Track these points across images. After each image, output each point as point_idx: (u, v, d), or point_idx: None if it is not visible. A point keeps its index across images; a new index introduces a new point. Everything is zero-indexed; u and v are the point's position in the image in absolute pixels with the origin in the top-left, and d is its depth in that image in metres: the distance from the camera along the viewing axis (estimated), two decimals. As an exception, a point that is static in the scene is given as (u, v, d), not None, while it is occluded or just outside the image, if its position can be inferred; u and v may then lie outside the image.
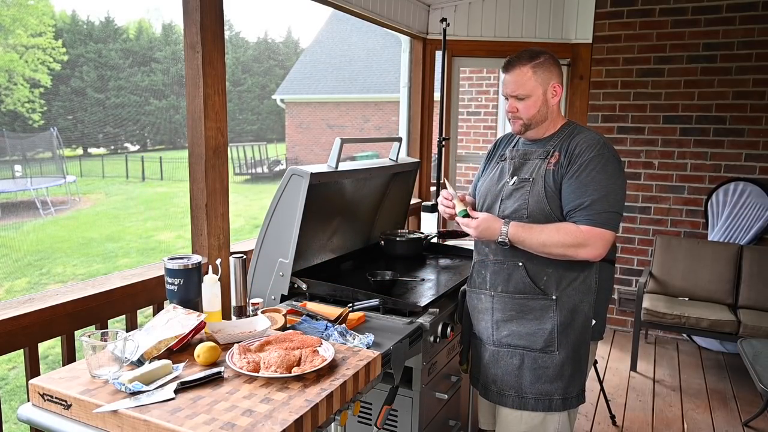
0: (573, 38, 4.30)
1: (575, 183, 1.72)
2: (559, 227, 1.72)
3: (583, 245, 1.69)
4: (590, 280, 1.83)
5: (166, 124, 29.38)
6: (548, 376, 1.82)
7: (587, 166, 1.71)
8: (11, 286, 8.79)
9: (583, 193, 1.70)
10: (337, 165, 2.17)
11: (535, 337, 1.82)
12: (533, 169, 1.82)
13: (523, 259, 1.81)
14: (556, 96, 1.82)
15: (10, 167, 17.26)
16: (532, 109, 1.80)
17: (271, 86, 29.49)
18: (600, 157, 1.72)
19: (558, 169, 1.77)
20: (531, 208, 1.79)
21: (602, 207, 1.69)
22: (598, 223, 1.68)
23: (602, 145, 1.75)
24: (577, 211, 1.71)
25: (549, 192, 1.77)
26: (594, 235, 1.68)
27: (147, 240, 11.60)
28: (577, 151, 1.75)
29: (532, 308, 1.82)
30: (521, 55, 1.80)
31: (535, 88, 1.78)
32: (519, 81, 1.78)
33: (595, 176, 1.71)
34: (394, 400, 1.69)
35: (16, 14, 23.47)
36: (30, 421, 1.31)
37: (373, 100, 18.96)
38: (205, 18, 2.08)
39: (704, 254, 4.03)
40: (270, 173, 19.93)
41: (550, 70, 1.79)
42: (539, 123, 1.83)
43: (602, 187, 1.70)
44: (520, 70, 1.78)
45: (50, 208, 14.38)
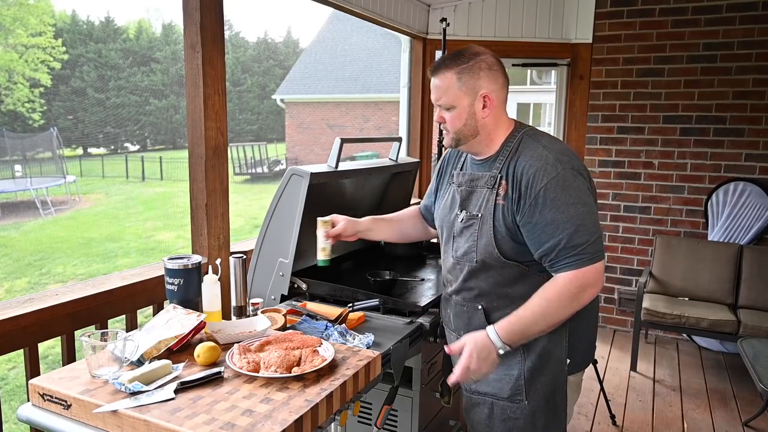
0: (573, 38, 4.30)
1: (538, 224, 1.44)
2: (546, 294, 1.45)
3: (581, 292, 1.44)
4: None
5: (166, 124, 29.39)
6: (518, 428, 1.59)
7: (544, 200, 1.43)
8: (11, 286, 8.79)
9: (553, 232, 1.43)
10: (337, 165, 2.17)
11: (501, 384, 1.59)
12: (482, 202, 1.56)
13: (482, 303, 1.61)
14: (489, 108, 1.52)
15: (10, 167, 17.27)
16: (457, 122, 1.54)
17: (271, 86, 29.48)
18: (555, 182, 1.43)
19: (508, 204, 1.49)
20: (480, 251, 1.55)
21: (581, 240, 1.41)
22: (585, 262, 1.42)
23: (553, 164, 1.45)
24: (555, 255, 1.44)
25: (499, 233, 1.51)
26: (586, 275, 1.43)
27: (147, 240, 11.60)
28: (525, 182, 1.46)
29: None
30: (449, 58, 1.54)
31: (458, 98, 1.52)
32: (441, 88, 1.53)
33: (560, 207, 1.42)
34: (394, 400, 1.69)
35: (16, 14, 23.47)
36: (30, 421, 1.31)
37: (373, 100, 18.97)
38: (205, 18, 2.08)
39: (704, 254, 4.03)
40: (270, 173, 19.94)
41: (478, 77, 1.51)
42: (469, 138, 1.56)
43: (572, 218, 1.42)
44: (443, 75, 1.53)
45: (50, 208, 14.38)
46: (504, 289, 1.57)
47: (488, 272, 1.57)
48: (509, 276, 1.55)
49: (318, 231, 1.86)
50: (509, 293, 1.57)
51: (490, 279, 1.58)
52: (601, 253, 1.45)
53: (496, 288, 1.58)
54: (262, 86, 31.14)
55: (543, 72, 7.16)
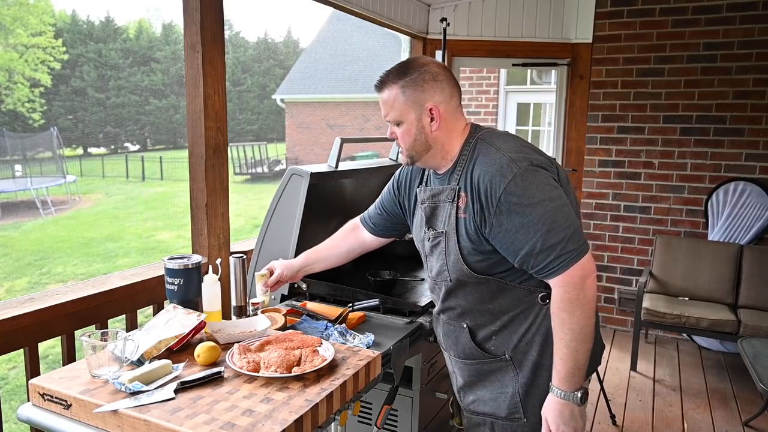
0: (573, 38, 4.30)
1: (508, 233, 1.35)
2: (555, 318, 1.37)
3: (581, 289, 1.33)
4: (544, 327, 1.47)
5: (166, 124, 29.41)
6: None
7: (508, 206, 1.34)
8: (11, 285, 8.79)
9: (525, 238, 1.33)
10: (337, 165, 2.17)
11: (498, 403, 1.53)
12: (445, 217, 1.47)
13: (466, 321, 1.54)
14: (437, 121, 1.44)
15: (10, 167, 17.28)
16: (408, 138, 1.47)
17: (271, 86, 29.50)
18: (514, 185, 1.34)
19: (469, 216, 1.41)
20: (451, 268, 1.48)
21: (557, 239, 1.32)
22: (570, 262, 1.32)
23: (507, 166, 1.36)
24: (535, 261, 1.35)
25: (465, 249, 1.44)
26: (575, 275, 1.33)
27: (147, 240, 11.60)
28: (484, 190, 1.37)
29: (490, 370, 1.54)
30: (392, 72, 1.46)
31: (405, 113, 1.45)
32: (388, 103, 1.47)
33: (525, 210, 1.33)
34: (394, 400, 1.69)
35: (16, 13, 23.48)
36: (30, 420, 1.31)
37: (373, 99, 18.95)
38: (205, 18, 2.08)
39: (704, 254, 4.03)
40: (270, 173, 19.94)
41: (422, 89, 1.42)
42: (422, 153, 1.49)
43: (541, 219, 1.32)
44: (389, 91, 1.45)
45: (50, 207, 14.39)
46: (485, 306, 1.50)
47: (465, 289, 1.51)
48: (487, 291, 1.48)
49: (257, 285, 1.83)
50: (491, 309, 1.50)
51: (469, 297, 1.51)
52: (584, 246, 1.35)
53: (477, 305, 1.51)
54: (262, 86, 31.15)
55: (543, 72, 7.15)
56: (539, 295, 1.46)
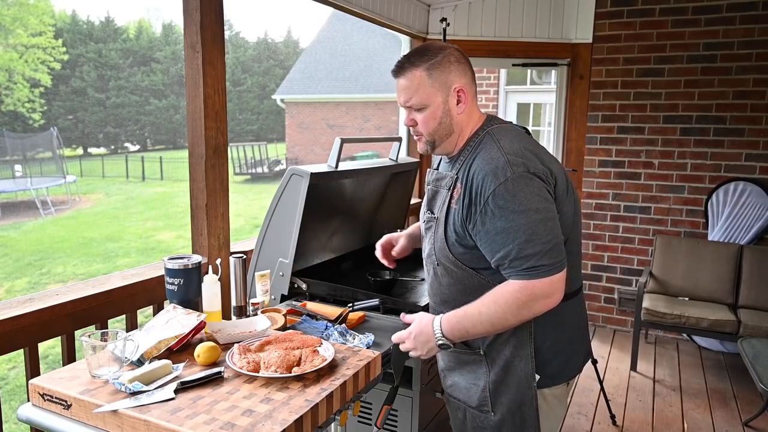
0: (573, 38, 4.30)
1: (489, 233, 1.36)
2: (496, 297, 1.37)
3: (531, 302, 1.34)
4: (521, 332, 1.47)
5: (166, 124, 29.42)
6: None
7: (494, 208, 1.34)
8: (11, 286, 8.80)
9: (503, 242, 1.34)
10: (337, 165, 2.17)
11: (470, 393, 1.57)
12: (441, 203, 1.49)
13: (447, 309, 1.52)
14: (463, 102, 1.44)
15: (10, 167, 17.29)
16: (432, 122, 1.44)
17: (271, 86, 29.51)
18: (503, 188, 1.33)
19: (458, 208, 1.42)
20: (438, 253, 1.49)
21: (533, 250, 1.32)
22: (539, 273, 1.32)
23: (502, 168, 1.35)
24: (507, 265, 1.36)
25: (450, 237, 1.45)
26: (536, 287, 1.33)
27: (147, 240, 11.60)
28: (475, 187, 1.37)
29: (466, 361, 1.58)
30: (413, 55, 1.44)
31: (431, 96, 1.42)
32: (411, 87, 1.43)
33: (509, 216, 1.33)
34: (394, 400, 1.69)
35: (16, 14, 23.49)
36: (30, 421, 1.31)
37: (373, 100, 18.98)
38: (205, 18, 2.08)
39: (704, 254, 4.03)
40: (270, 173, 19.95)
41: (449, 70, 1.42)
42: (444, 138, 1.47)
43: (522, 227, 1.32)
44: (412, 74, 1.42)
45: (50, 208, 14.39)
46: (466, 298, 1.47)
47: (450, 278, 1.52)
48: (470, 285, 1.48)
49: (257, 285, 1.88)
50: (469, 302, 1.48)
51: (452, 287, 1.52)
52: (558, 264, 1.34)
53: (458, 296, 1.51)
54: (262, 86, 31.16)
55: (543, 72, 7.15)
56: None
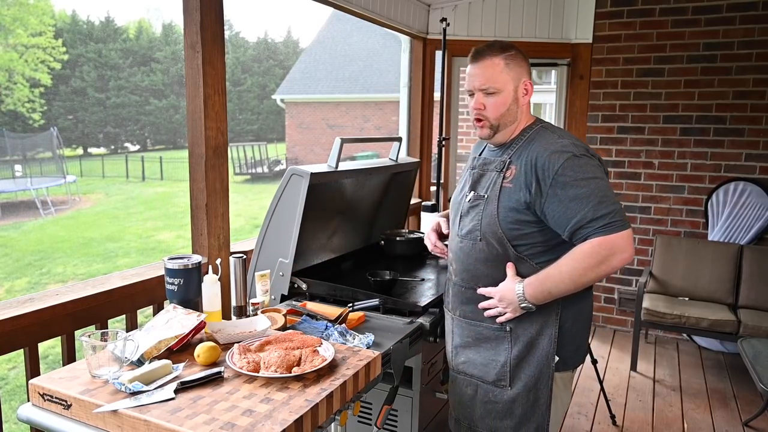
0: (573, 38, 4.30)
1: (562, 202, 1.51)
2: (575, 255, 1.51)
3: (610, 256, 1.48)
4: (550, 310, 1.61)
5: (166, 124, 29.41)
6: (497, 412, 1.67)
7: (564, 179, 1.50)
8: (11, 286, 8.79)
9: (578, 207, 1.49)
10: (337, 165, 2.17)
11: (488, 369, 1.67)
12: (489, 184, 1.64)
13: (479, 285, 1.68)
14: (528, 94, 1.66)
15: (10, 167, 17.28)
16: (502, 108, 1.62)
17: (271, 86, 29.50)
18: (571, 162, 1.52)
19: (518, 187, 1.56)
20: (484, 229, 1.62)
21: (606, 210, 1.48)
22: (615, 229, 1.47)
23: (567, 147, 1.54)
24: (584, 228, 1.50)
25: (502, 213, 1.58)
26: (615, 241, 1.47)
27: (147, 240, 11.60)
28: (541, 165, 1.54)
29: (487, 337, 1.68)
30: (492, 45, 1.64)
31: (506, 83, 1.61)
32: (489, 74, 1.61)
33: (580, 183, 1.50)
34: (394, 400, 1.69)
35: (16, 14, 23.48)
36: (30, 421, 1.31)
37: (373, 100, 18.97)
38: (205, 18, 2.08)
39: (704, 254, 4.03)
40: (270, 173, 19.95)
41: (522, 65, 1.64)
42: (508, 124, 1.65)
43: (593, 192, 1.49)
44: (492, 61, 1.61)
45: (50, 208, 14.39)
46: (500, 275, 1.63)
47: (488, 252, 1.63)
48: (505, 261, 1.62)
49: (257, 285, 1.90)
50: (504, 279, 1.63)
51: (489, 262, 1.64)
52: (625, 223, 1.49)
53: (493, 272, 1.64)
54: (262, 86, 31.15)
55: (543, 72, 7.15)
56: None
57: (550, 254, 1.60)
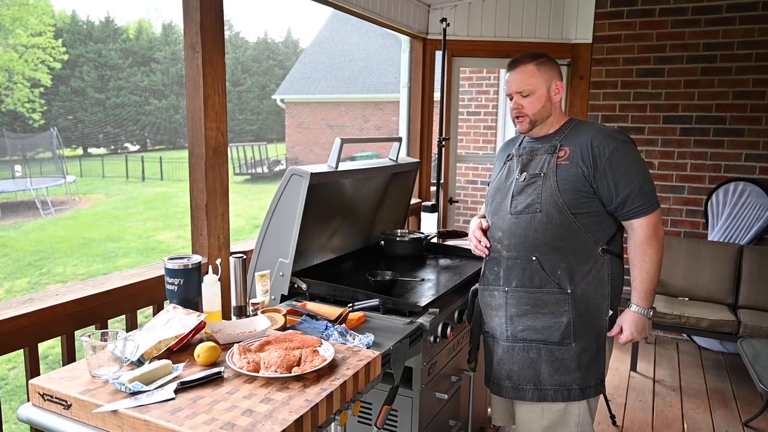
0: (573, 38, 4.30)
1: (616, 175, 1.79)
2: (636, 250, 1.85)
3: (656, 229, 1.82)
4: (603, 272, 1.88)
5: (166, 124, 29.39)
6: (566, 368, 1.87)
7: (618, 158, 1.79)
8: (11, 286, 8.79)
9: (629, 182, 1.79)
10: (337, 165, 2.17)
11: (551, 331, 1.86)
12: (542, 164, 1.88)
13: (536, 254, 1.86)
14: (559, 93, 1.91)
15: (10, 167, 17.28)
16: (537, 105, 1.88)
17: (271, 86, 29.49)
18: (623, 145, 1.81)
19: (575, 163, 1.82)
20: (545, 201, 1.84)
21: (649, 187, 1.81)
22: (651, 208, 1.81)
23: (615, 134, 1.84)
24: (631, 201, 1.80)
25: (562, 185, 1.83)
26: (653, 218, 1.82)
27: (147, 240, 11.60)
28: (596, 146, 1.81)
29: (546, 302, 1.86)
30: (525, 55, 1.93)
31: (539, 85, 1.88)
32: (524, 78, 1.88)
33: (631, 162, 1.80)
34: (394, 400, 1.69)
35: (16, 14, 23.48)
36: (30, 421, 1.31)
37: (373, 100, 18.96)
38: (205, 18, 2.08)
39: (704, 254, 4.03)
40: (270, 173, 19.94)
41: (552, 69, 1.91)
42: (544, 119, 1.91)
43: (640, 171, 1.81)
44: (525, 68, 1.89)
45: (50, 208, 14.38)
46: (558, 243, 1.84)
47: (548, 225, 1.84)
48: (564, 231, 1.83)
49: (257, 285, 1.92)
50: (563, 247, 1.84)
51: (548, 232, 1.84)
52: (657, 201, 1.84)
53: (552, 240, 1.84)
54: (262, 86, 31.15)
55: (543, 72, 7.10)
56: (600, 247, 1.86)
57: (599, 225, 1.85)
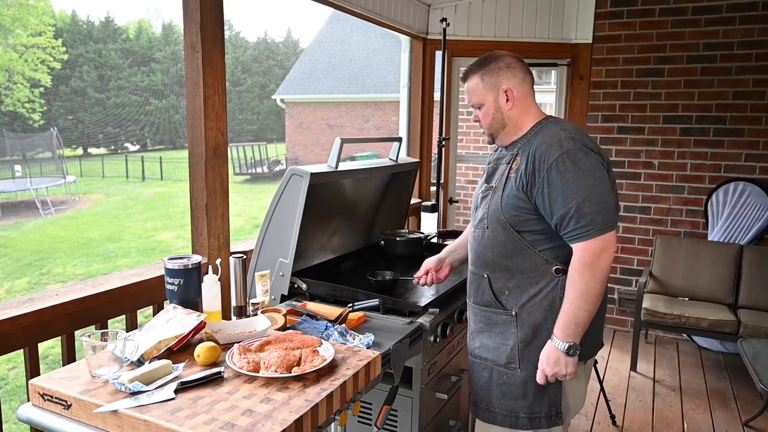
0: (573, 38, 4.30)
1: (551, 195, 1.57)
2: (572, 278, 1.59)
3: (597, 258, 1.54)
4: (552, 295, 1.68)
5: (166, 124, 29.38)
6: (512, 393, 1.75)
7: (556, 172, 1.56)
8: (11, 286, 8.79)
9: (563, 202, 1.56)
10: (337, 165, 2.17)
11: (499, 352, 1.76)
12: (499, 176, 1.74)
13: (488, 271, 1.77)
14: (511, 101, 1.71)
15: (10, 167, 17.28)
16: (488, 117, 1.75)
17: (271, 86, 29.49)
18: (565, 156, 1.57)
19: (518, 176, 1.65)
20: (490, 217, 1.72)
21: (589, 209, 1.53)
22: (595, 231, 1.54)
23: (565, 140, 1.60)
24: (566, 223, 1.57)
25: (505, 200, 1.67)
26: (595, 244, 1.54)
27: (147, 240, 11.60)
28: (538, 155, 1.61)
29: (496, 322, 1.76)
30: (473, 65, 1.78)
31: (484, 96, 1.74)
32: (471, 90, 1.77)
33: (569, 179, 1.55)
34: (394, 400, 1.69)
35: (16, 14, 23.48)
36: (30, 421, 1.31)
37: (373, 100, 18.96)
38: (205, 18, 2.08)
39: (704, 254, 4.03)
40: (270, 173, 19.94)
41: (498, 75, 1.71)
42: (499, 130, 1.76)
43: (580, 189, 1.55)
44: (471, 80, 1.77)
45: (50, 208, 14.38)
46: (505, 262, 1.72)
47: (495, 240, 1.72)
48: (511, 249, 1.70)
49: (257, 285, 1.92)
50: (510, 266, 1.72)
51: (495, 249, 1.73)
52: (611, 224, 1.56)
53: (499, 258, 1.73)
54: (262, 86, 31.14)
55: (543, 72, 7.15)
56: (554, 267, 1.67)
57: (550, 242, 1.66)
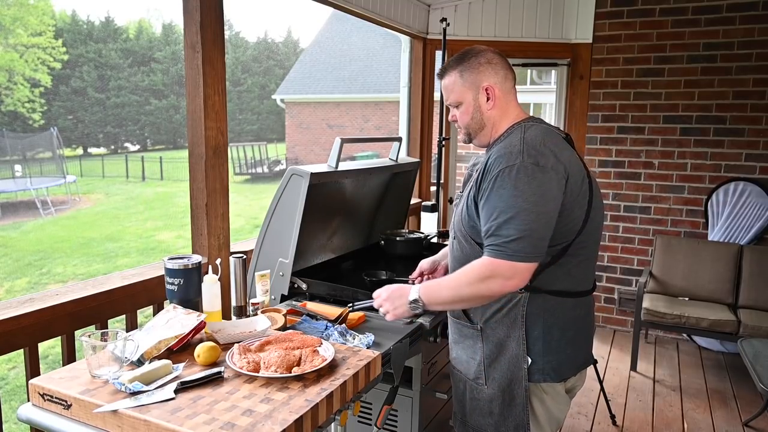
0: (573, 38, 4.30)
1: (485, 207, 1.49)
2: (467, 266, 1.51)
3: (490, 278, 1.44)
4: (515, 313, 1.56)
5: (166, 124, 29.41)
6: (480, 409, 1.67)
7: (494, 186, 1.45)
8: (11, 286, 8.79)
9: (489, 216, 1.46)
10: (337, 165, 2.17)
11: (469, 366, 1.68)
12: (469, 185, 1.63)
13: None
14: (492, 100, 1.59)
15: (10, 167, 17.29)
16: (466, 117, 1.62)
17: (271, 86, 29.50)
18: (508, 171, 1.43)
19: (473, 185, 1.55)
20: (455, 228, 1.65)
21: (508, 232, 1.41)
22: (505, 254, 1.42)
23: (516, 154, 1.46)
24: (486, 237, 1.48)
25: (464, 211, 1.59)
26: (499, 266, 1.43)
27: (147, 240, 11.60)
28: (489, 165, 1.50)
29: (466, 335, 1.69)
30: (452, 60, 1.65)
31: (463, 94, 1.61)
32: (448, 87, 1.63)
33: (502, 194, 1.43)
34: (394, 400, 1.69)
35: (16, 14, 23.49)
36: (30, 421, 1.31)
37: (373, 100, 18.97)
38: (205, 18, 2.08)
39: (704, 254, 4.03)
40: (270, 173, 19.95)
41: (478, 71, 1.58)
42: (478, 131, 1.64)
43: (508, 209, 1.42)
44: (449, 76, 1.63)
45: (50, 208, 14.39)
46: None
47: (461, 251, 1.64)
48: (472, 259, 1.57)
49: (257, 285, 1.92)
50: None
51: (461, 261, 1.62)
52: (529, 256, 1.42)
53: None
54: (262, 86, 31.17)
55: (543, 72, 7.16)
56: None
57: None
